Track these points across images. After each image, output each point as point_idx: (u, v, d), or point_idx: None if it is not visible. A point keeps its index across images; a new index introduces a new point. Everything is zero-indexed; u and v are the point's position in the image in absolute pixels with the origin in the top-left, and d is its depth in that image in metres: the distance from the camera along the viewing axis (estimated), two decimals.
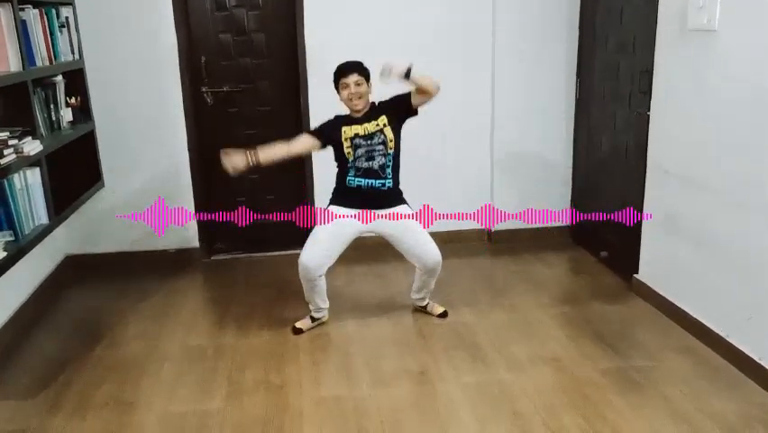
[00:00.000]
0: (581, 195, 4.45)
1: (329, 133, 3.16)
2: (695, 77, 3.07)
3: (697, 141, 3.09)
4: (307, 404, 2.73)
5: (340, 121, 3.18)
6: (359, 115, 3.16)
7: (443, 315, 3.45)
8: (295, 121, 4.29)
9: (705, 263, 3.10)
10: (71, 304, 3.84)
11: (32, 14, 3.14)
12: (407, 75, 2.98)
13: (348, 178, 3.18)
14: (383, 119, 3.15)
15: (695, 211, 3.15)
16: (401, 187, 3.29)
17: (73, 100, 3.72)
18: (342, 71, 3.12)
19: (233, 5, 4.12)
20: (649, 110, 3.46)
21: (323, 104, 4.13)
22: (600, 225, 4.20)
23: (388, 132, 3.14)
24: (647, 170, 3.51)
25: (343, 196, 3.22)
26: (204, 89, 4.21)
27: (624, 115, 3.80)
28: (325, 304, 3.36)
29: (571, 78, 4.36)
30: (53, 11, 3.42)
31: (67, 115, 3.64)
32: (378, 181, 3.16)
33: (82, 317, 3.68)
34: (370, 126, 3.13)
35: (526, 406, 2.66)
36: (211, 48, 4.16)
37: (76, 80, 3.77)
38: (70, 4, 3.71)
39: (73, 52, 3.70)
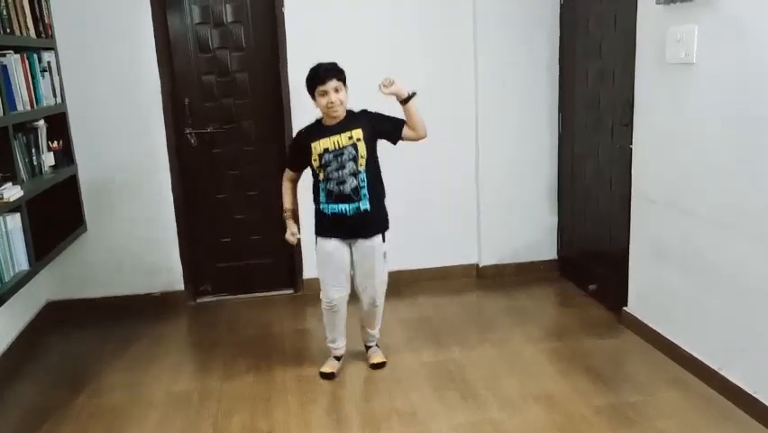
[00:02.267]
0: (568, 227, 4.45)
1: (302, 157, 3.04)
2: (675, 107, 3.11)
3: (680, 170, 3.11)
4: None
5: (309, 135, 3.00)
6: (334, 122, 2.97)
7: (378, 366, 3.29)
8: (278, 160, 4.27)
9: (695, 295, 3.09)
10: (53, 351, 3.75)
11: (12, 60, 3.14)
12: (407, 99, 2.94)
13: (321, 202, 3.05)
14: (358, 132, 2.95)
15: (682, 241, 3.15)
16: (386, 205, 3.18)
17: (55, 144, 3.70)
18: (320, 77, 2.90)
19: (217, 47, 4.14)
20: (631, 141, 3.49)
21: None
22: (587, 258, 4.20)
23: (361, 147, 2.94)
24: (632, 200, 3.52)
25: (323, 225, 3.10)
26: (188, 131, 4.20)
27: (606, 146, 3.83)
28: (345, 337, 3.31)
29: (553, 111, 4.40)
30: (35, 56, 3.42)
31: (48, 159, 3.62)
32: (352, 206, 2.99)
33: (64, 365, 3.59)
34: (342, 139, 2.94)
35: None
36: (194, 89, 4.17)
37: (58, 124, 3.76)
38: (52, 48, 3.72)
39: (55, 96, 3.69)
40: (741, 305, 2.78)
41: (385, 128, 3.01)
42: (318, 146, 2.94)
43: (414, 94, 2.95)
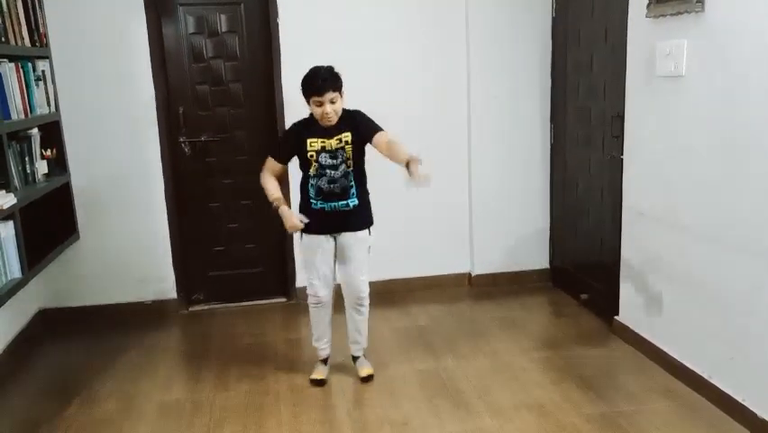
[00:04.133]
0: (560, 238, 4.49)
1: (292, 149, 3.06)
2: (665, 121, 3.15)
3: (670, 182, 3.15)
4: None
5: (305, 130, 3.02)
6: (329, 124, 2.99)
7: (367, 379, 3.26)
8: None
9: (685, 304, 3.12)
10: (45, 360, 3.73)
11: (7, 68, 3.15)
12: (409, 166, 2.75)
13: (310, 199, 3.08)
14: (347, 136, 2.99)
15: (672, 252, 3.18)
16: (370, 198, 3.19)
17: (48, 152, 3.69)
18: (317, 88, 2.87)
19: (211, 57, 4.16)
20: (622, 153, 3.53)
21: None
22: (579, 268, 4.23)
23: (349, 150, 2.99)
24: (623, 212, 3.56)
25: (311, 219, 3.07)
26: (181, 139, 4.21)
27: (597, 158, 3.86)
28: (329, 336, 3.33)
29: (545, 123, 4.44)
30: (29, 64, 3.43)
31: (42, 167, 3.62)
32: (341, 203, 3.05)
33: (56, 374, 3.57)
34: (333, 142, 2.98)
35: None
36: (188, 98, 4.18)
37: (52, 132, 3.76)
38: (47, 57, 3.73)
39: (49, 105, 3.70)
40: (729, 314, 2.81)
41: (365, 134, 3.00)
42: (315, 143, 2.98)
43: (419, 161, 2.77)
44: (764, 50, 2.52)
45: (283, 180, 3.49)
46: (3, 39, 3.14)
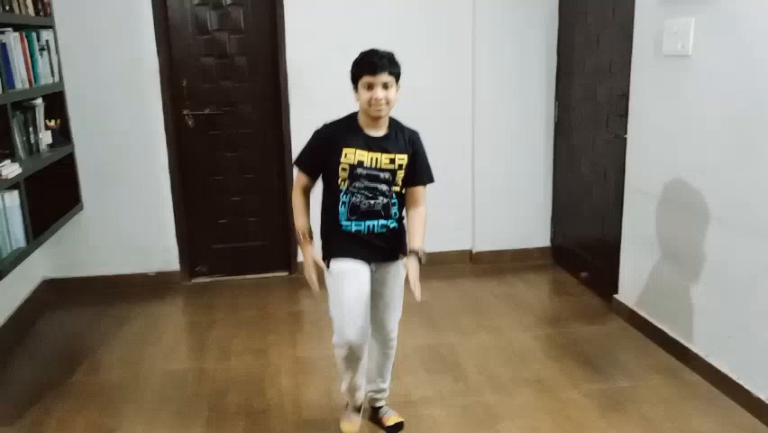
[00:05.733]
0: (562, 216, 4.50)
1: (324, 160, 2.39)
2: (670, 100, 3.14)
3: (673, 161, 3.15)
4: (290, 429, 2.70)
5: (341, 135, 2.37)
6: (376, 127, 2.37)
7: (397, 427, 2.67)
8: (276, 143, 4.30)
9: (684, 283, 3.14)
10: (50, 329, 3.78)
11: (11, 38, 3.13)
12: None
13: (340, 218, 2.39)
14: (403, 158, 2.38)
15: (673, 231, 3.20)
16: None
17: (53, 123, 3.70)
18: (370, 66, 2.29)
19: (215, 29, 4.14)
20: (626, 133, 3.53)
21: (305, 126, 4.16)
22: (581, 246, 4.25)
23: (400, 175, 2.40)
24: (625, 190, 3.57)
25: (341, 245, 2.41)
26: (185, 112, 4.20)
27: (602, 137, 3.86)
28: (365, 380, 2.65)
29: (550, 101, 4.43)
30: (33, 34, 3.41)
31: (46, 137, 3.62)
32: (380, 222, 2.40)
33: (61, 343, 3.62)
34: (383, 159, 2.35)
35: (511, 428, 2.66)
36: (193, 71, 4.17)
37: (56, 103, 3.76)
38: (51, 27, 3.71)
39: (53, 75, 3.69)
40: (727, 294, 2.84)
41: (418, 167, 2.44)
42: (352, 154, 2.34)
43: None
44: None
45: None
46: (7, 7, 3.13)
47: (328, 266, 2.43)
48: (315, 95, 4.09)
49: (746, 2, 2.64)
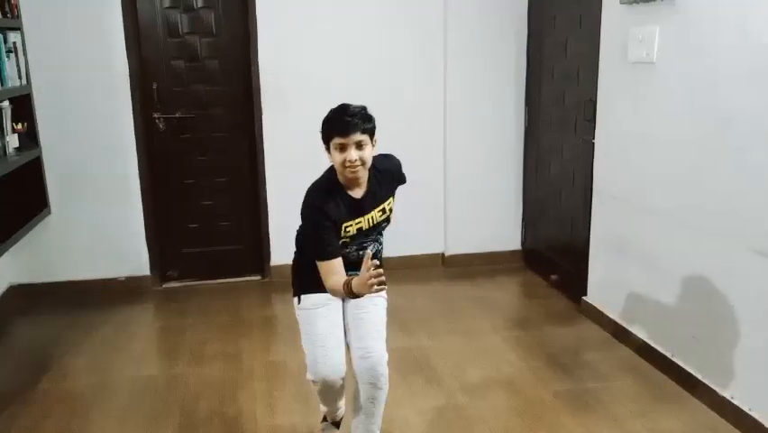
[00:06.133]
0: (532, 219, 4.56)
1: (334, 238, 2.21)
2: (636, 106, 3.22)
3: (639, 166, 3.22)
4: None
5: (338, 212, 2.19)
6: (358, 189, 2.23)
7: None
8: (248, 147, 4.29)
9: (650, 285, 3.21)
10: (16, 335, 3.71)
11: None
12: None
13: None
14: (390, 202, 2.34)
15: (639, 234, 3.27)
16: None
17: (20, 126, 3.64)
18: (341, 127, 2.12)
19: (186, 32, 4.11)
20: (594, 137, 3.60)
21: (277, 130, 4.19)
22: (551, 249, 4.32)
23: (390, 217, 2.38)
24: (593, 195, 3.64)
25: (317, 280, 2.26)
26: (156, 115, 4.17)
27: (570, 142, 3.93)
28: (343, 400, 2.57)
29: (520, 106, 4.49)
30: (0, 36, 3.36)
31: (13, 141, 3.57)
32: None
33: (28, 349, 3.56)
34: (376, 214, 2.28)
35: (482, 429, 2.69)
36: (163, 74, 4.14)
37: (23, 106, 3.71)
38: (18, 29, 3.66)
39: (20, 77, 3.64)
40: (692, 296, 2.91)
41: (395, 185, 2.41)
42: (351, 227, 2.24)
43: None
44: (734, 39, 2.58)
45: None
46: None
47: (299, 301, 2.36)
48: (288, 98, 4.10)
49: (710, 11, 2.71)
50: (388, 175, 2.34)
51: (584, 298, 3.78)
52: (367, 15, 4.21)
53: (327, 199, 2.19)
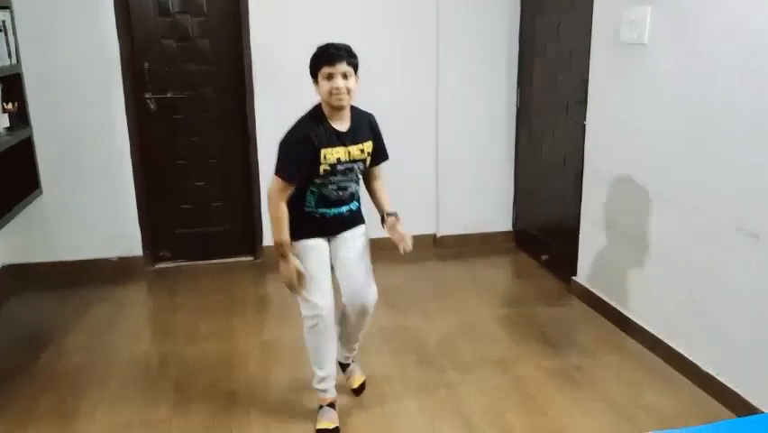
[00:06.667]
0: (523, 200, 4.59)
1: (302, 166, 2.39)
2: (626, 87, 3.23)
3: (630, 147, 3.25)
4: (257, 411, 2.73)
5: (318, 139, 2.38)
6: (341, 121, 2.44)
7: (359, 389, 2.83)
8: (240, 127, 4.28)
9: (638, 265, 3.25)
10: (10, 315, 3.72)
11: None
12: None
13: (308, 207, 2.51)
14: (369, 145, 2.52)
15: (629, 215, 3.30)
16: None
17: (10, 106, 3.62)
18: (328, 57, 2.34)
19: (177, 11, 4.09)
20: (585, 119, 3.62)
21: (268, 110, 4.18)
22: (541, 230, 4.35)
23: (368, 161, 2.55)
24: (584, 175, 3.66)
25: (305, 226, 2.51)
26: (147, 95, 4.15)
27: (562, 123, 3.95)
28: (335, 367, 2.70)
29: (512, 87, 4.50)
30: None
31: (3, 120, 3.55)
32: (345, 208, 2.56)
33: (23, 328, 3.57)
34: (355, 150, 2.46)
35: (473, 406, 2.74)
36: (154, 54, 4.12)
37: (13, 85, 3.69)
38: (8, 7, 3.63)
39: (10, 57, 3.61)
40: (681, 277, 2.95)
41: (376, 149, 2.58)
42: (331, 155, 2.40)
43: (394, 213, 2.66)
44: (725, 21, 2.60)
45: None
46: None
47: (292, 245, 2.49)
48: (280, 78, 4.09)
49: None
50: (366, 120, 2.55)
51: (574, 278, 3.83)
52: (361, 3, 4.19)
53: (312, 125, 2.40)
